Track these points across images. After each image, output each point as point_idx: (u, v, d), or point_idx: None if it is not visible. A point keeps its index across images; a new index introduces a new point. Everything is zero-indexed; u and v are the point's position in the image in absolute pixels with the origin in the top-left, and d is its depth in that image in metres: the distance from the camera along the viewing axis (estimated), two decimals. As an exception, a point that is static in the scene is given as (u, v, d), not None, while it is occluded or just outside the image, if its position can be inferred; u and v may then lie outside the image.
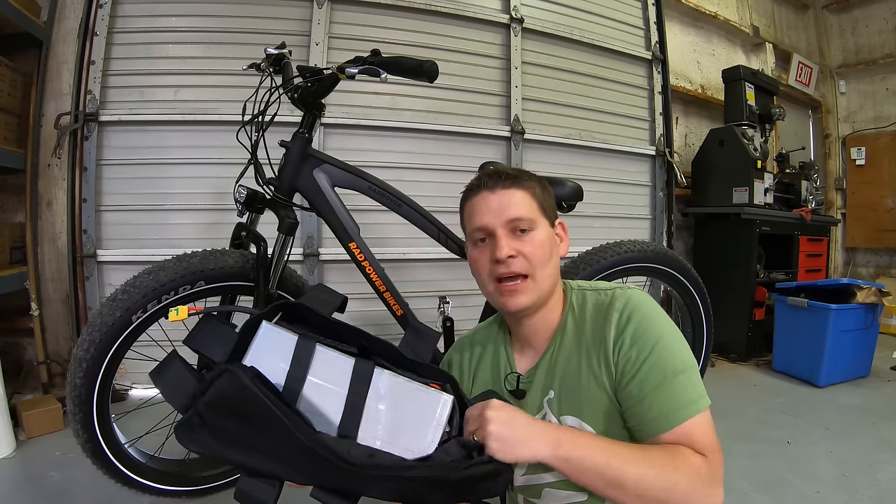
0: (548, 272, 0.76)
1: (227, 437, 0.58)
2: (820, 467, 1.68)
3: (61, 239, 2.19)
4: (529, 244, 0.74)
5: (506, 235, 0.74)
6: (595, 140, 2.93)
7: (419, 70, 1.13)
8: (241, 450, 0.59)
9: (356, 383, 0.62)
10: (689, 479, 0.61)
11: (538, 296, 0.75)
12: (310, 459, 0.57)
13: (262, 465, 0.59)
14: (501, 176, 0.77)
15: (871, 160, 4.31)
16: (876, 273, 4.37)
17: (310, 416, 0.60)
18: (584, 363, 0.74)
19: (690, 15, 3.71)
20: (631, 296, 0.74)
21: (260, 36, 2.25)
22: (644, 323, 0.71)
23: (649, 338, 0.69)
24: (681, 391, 0.67)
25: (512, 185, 0.76)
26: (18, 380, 2.10)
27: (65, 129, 2.04)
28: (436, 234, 1.44)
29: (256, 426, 0.57)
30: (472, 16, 2.61)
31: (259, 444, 0.58)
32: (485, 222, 0.75)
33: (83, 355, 1.15)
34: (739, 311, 2.96)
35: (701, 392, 0.68)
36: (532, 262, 0.74)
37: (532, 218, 0.75)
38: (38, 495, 1.43)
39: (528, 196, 0.76)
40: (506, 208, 0.74)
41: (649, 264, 1.63)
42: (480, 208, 0.76)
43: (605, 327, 0.72)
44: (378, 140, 2.44)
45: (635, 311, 0.72)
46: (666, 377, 0.67)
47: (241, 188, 1.30)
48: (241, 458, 0.59)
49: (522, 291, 0.74)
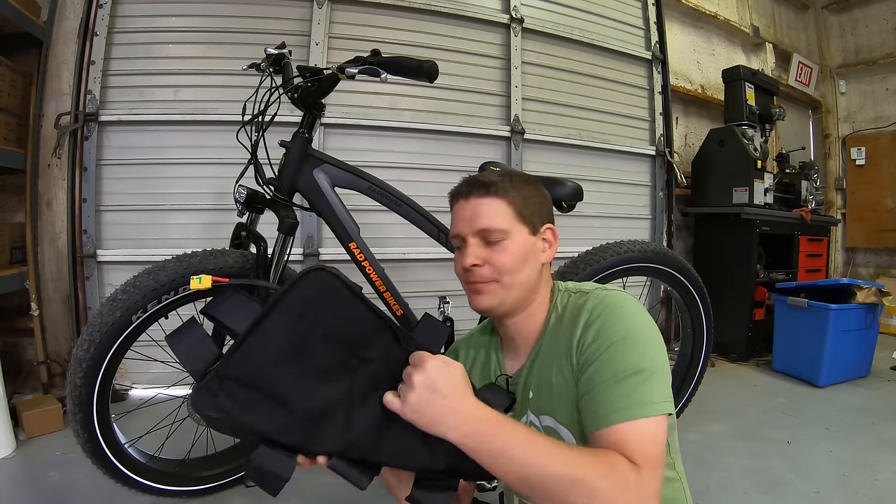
0: (520, 279, 0.76)
1: (249, 398, 0.60)
2: (820, 467, 1.68)
3: (61, 239, 2.19)
4: (499, 253, 0.74)
5: (476, 244, 0.75)
6: (595, 140, 2.93)
7: (419, 70, 1.13)
8: (263, 410, 0.60)
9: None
10: (613, 490, 0.55)
11: (502, 300, 0.75)
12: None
13: (282, 429, 0.60)
14: (476, 184, 0.77)
15: (871, 160, 4.31)
16: (876, 273, 4.37)
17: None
18: (556, 364, 0.74)
19: (690, 15, 3.71)
20: (607, 296, 0.73)
21: (260, 36, 2.25)
22: (611, 320, 0.69)
23: (612, 334, 0.68)
24: (629, 391, 0.63)
25: (486, 195, 0.76)
26: (18, 380, 2.10)
27: (65, 129, 2.04)
28: (436, 234, 1.44)
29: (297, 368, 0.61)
30: (472, 16, 2.61)
31: (290, 389, 0.60)
32: (458, 230, 0.78)
33: (83, 355, 1.15)
34: (739, 311, 2.96)
35: (655, 398, 0.63)
36: (500, 270, 0.74)
37: (503, 228, 0.75)
38: (38, 495, 1.43)
39: (504, 205, 0.76)
40: (477, 218, 0.75)
41: (649, 264, 1.63)
42: (457, 215, 0.79)
43: (574, 327, 0.72)
44: (378, 140, 2.44)
45: (605, 310, 0.71)
46: (616, 374, 0.64)
47: (241, 188, 1.30)
48: (260, 422, 0.60)
49: (486, 292, 0.75)
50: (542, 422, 0.76)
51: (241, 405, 0.59)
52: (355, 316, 0.64)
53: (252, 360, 0.61)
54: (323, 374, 0.62)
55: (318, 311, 0.63)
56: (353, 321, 0.64)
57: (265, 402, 0.60)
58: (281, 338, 0.62)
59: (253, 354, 0.61)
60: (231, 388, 0.60)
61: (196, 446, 1.47)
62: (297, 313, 0.63)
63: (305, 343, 0.62)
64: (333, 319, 0.63)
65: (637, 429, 0.61)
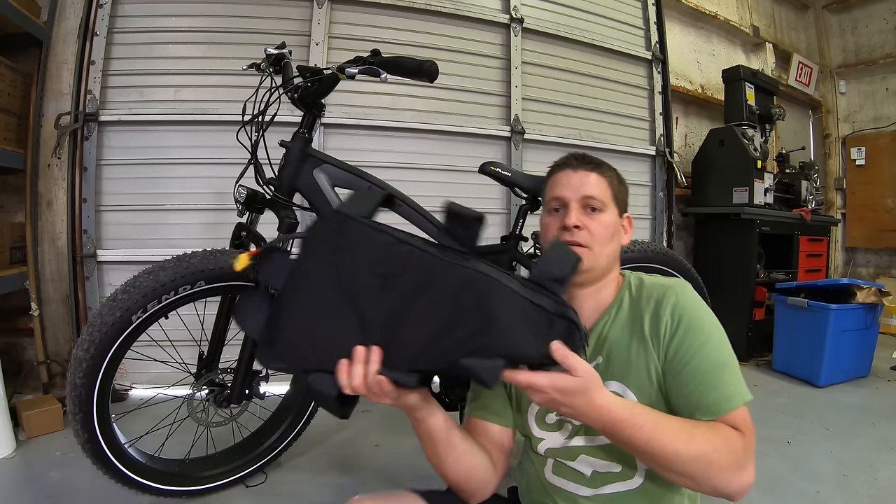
0: (606, 251, 0.82)
1: (296, 341, 0.67)
2: (820, 467, 1.68)
3: (61, 239, 2.19)
4: (596, 222, 0.82)
5: (577, 209, 0.82)
6: (595, 140, 2.93)
7: (419, 70, 1.13)
8: (309, 348, 0.67)
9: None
10: (727, 458, 0.65)
11: (592, 265, 0.81)
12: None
13: (328, 360, 0.64)
14: (586, 159, 0.86)
15: (871, 160, 4.31)
16: (876, 273, 4.37)
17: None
18: (637, 337, 0.79)
19: (690, 15, 3.71)
20: (686, 287, 0.82)
21: (260, 36, 2.25)
22: (697, 318, 0.77)
23: (702, 331, 0.76)
24: (730, 382, 0.72)
25: (594, 170, 0.85)
26: (18, 380, 2.10)
27: (65, 129, 2.04)
28: (436, 234, 1.43)
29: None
30: (472, 16, 2.61)
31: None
32: (562, 194, 0.84)
33: (83, 355, 1.15)
34: (739, 311, 2.96)
35: (742, 385, 0.74)
36: (594, 237, 0.81)
37: (604, 200, 0.83)
38: (38, 495, 1.43)
39: (605, 182, 0.84)
40: (583, 186, 0.83)
41: (649, 264, 1.63)
42: (561, 182, 0.85)
43: (658, 315, 0.78)
44: (378, 140, 2.44)
45: (687, 308, 0.78)
46: (714, 368, 0.73)
47: (241, 188, 1.30)
48: (309, 361, 0.66)
49: (581, 253, 0.78)
50: (608, 386, 0.78)
51: (293, 351, 0.67)
52: (369, 241, 0.69)
53: (290, 305, 0.68)
54: (356, 299, 0.67)
55: (335, 245, 0.69)
56: (360, 244, 0.69)
57: (310, 341, 0.67)
58: (309, 278, 0.69)
59: (289, 300, 0.69)
60: (280, 336, 0.68)
61: (196, 446, 1.47)
62: (316, 253, 0.69)
63: (333, 276, 0.68)
64: (344, 249, 0.69)
65: (741, 412, 0.71)
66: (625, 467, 0.77)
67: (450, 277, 0.66)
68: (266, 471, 1.56)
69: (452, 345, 0.63)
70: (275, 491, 1.51)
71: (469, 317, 0.63)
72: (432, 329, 0.64)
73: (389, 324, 0.65)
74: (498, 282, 0.65)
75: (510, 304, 0.64)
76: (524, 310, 0.64)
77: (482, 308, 0.63)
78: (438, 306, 0.65)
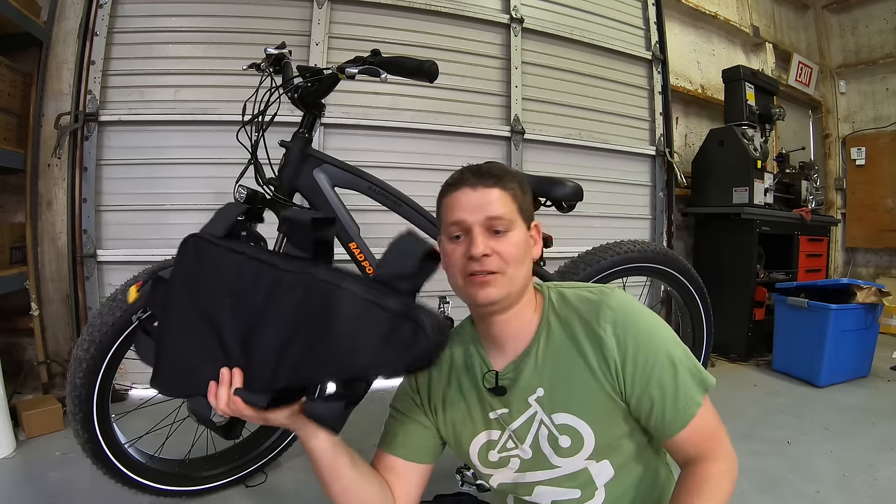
0: (521, 272, 0.76)
1: (173, 371, 0.70)
2: (820, 467, 1.68)
3: (61, 239, 2.19)
4: (505, 243, 0.74)
5: (482, 233, 0.74)
6: (595, 140, 2.93)
7: (419, 70, 1.13)
8: (184, 378, 0.69)
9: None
10: (728, 483, 0.71)
11: (508, 291, 0.75)
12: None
13: (199, 386, 0.66)
14: (483, 174, 0.77)
15: (871, 160, 4.31)
16: (876, 273, 4.37)
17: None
18: (579, 359, 0.74)
19: (690, 15, 3.71)
20: (613, 295, 0.77)
21: (260, 36, 2.25)
22: (642, 330, 0.74)
23: (653, 347, 0.73)
24: (684, 387, 0.72)
25: (494, 185, 0.76)
26: (18, 380, 2.10)
27: (65, 129, 2.04)
28: (436, 234, 1.44)
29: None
30: (472, 16, 2.61)
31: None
32: (462, 218, 0.75)
33: (83, 355, 1.15)
34: (739, 311, 2.96)
35: (703, 374, 0.74)
36: (506, 261, 0.74)
37: (510, 219, 0.75)
38: (38, 495, 1.43)
39: (508, 197, 0.76)
40: (485, 206, 0.74)
41: (649, 264, 1.63)
42: (459, 203, 0.76)
43: (600, 325, 0.74)
44: (378, 140, 2.44)
45: (629, 316, 0.74)
46: (673, 375, 0.72)
47: (241, 188, 1.30)
48: (185, 389, 0.71)
49: (493, 284, 0.73)
50: (554, 420, 0.75)
51: (171, 379, 0.70)
52: (222, 261, 0.70)
53: (164, 334, 0.71)
54: (215, 322, 0.67)
55: (194, 270, 0.71)
56: (215, 267, 0.70)
57: (183, 368, 0.68)
58: (176, 306, 0.71)
59: (163, 328, 0.71)
60: (161, 363, 0.70)
61: (196, 446, 1.47)
62: (179, 285, 0.71)
63: (194, 300, 0.69)
64: (202, 274, 0.70)
65: (700, 418, 0.72)
66: (584, 490, 0.75)
67: (293, 289, 0.63)
68: (266, 471, 1.56)
69: (296, 360, 0.60)
70: (275, 491, 1.50)
71: (308, 328, 0.60)
72: (280, 344, 0.61)
73: (244, 342, 0.64)
74: (335, 286, 0.60)
75: (349, 309, 0.58)
76: (366, 314, 0.58)
77: (319, 317, 0.59)
78: (284, 320, 0.62)
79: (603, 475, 0.76)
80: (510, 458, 0.79)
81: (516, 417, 0.78)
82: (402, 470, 0.81)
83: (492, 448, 0.80)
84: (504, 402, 0.79)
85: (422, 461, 0.83)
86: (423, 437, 0.84)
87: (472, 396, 0.82)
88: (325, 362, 0.59)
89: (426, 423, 0.85)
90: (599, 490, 0.75)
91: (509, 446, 0.79)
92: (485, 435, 0.81)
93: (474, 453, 0.82)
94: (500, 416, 0.79)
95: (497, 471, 0.81)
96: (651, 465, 0.80)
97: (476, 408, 0.82)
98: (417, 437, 0.84)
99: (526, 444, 0.78)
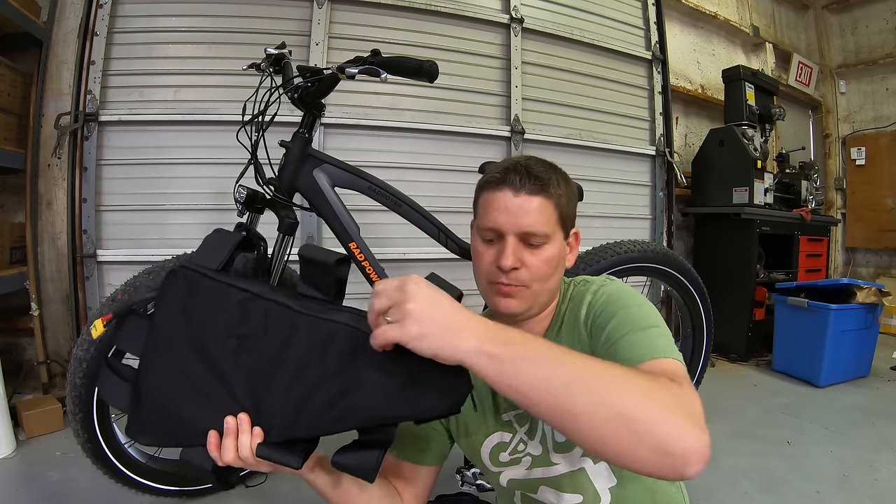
0: (548, 286, 0.74)
1: (159, 417, 0.60)
2: (820, 467, 1.68)
3: (61, 239, 2.19)
4: (537, 258, 0.71)
5: (515, 244, 0.70)
6: (595, 140, 2.92)
7: (419, 70, 1.13)
8: (172, 424, 0.60)
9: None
10: (677, 409, 0.46)
11: (530, 305, 0.74)
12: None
13: (195, 435, 0.59)
14: (531, 178, 0.71)
15: (871, 160, 4.31)
16: (876, 273, 4.37)
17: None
18: (578, 347, 0.74)
19: (690, 15, 3.71)
20: (608, 280, 0.77)
21: (260, 36, 2.24)
22: (617, 293, 0.72)
23: (622, 302, 0.70)
24: (652, 339, 0.63)
25: (538, 192, 0.71)
26: (18, 380, 2.10)
27: (65, 129, 2.04)
28: (436, 234, 1.44)
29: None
30: (472, 16, 2.61)
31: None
32: (499, 223, 0.71)
33: (83, 355, 1.15)
34: (739, 311, 2.96)
35: (674, 349, 0.62)
36: (534, 276, 0.71)
37: (547, 233, 0.71)
38: (38, 495, 1.43)
39: (551, 206, 0.72)
40: (524, 216, 0.70)
41: (649, 264, 1.64)
42: (498, 205, 0.71)
43: (580, 307, 0.74)
44: (378, 140, 2.43)
45: (611, 287, 0.74)
46: (634, 329, 0.65)
47: (241, 188, 1.30)
48: (175, 436, 0.60)
49: (516, 296, 0.72)
50: None
51: (158, 426, 0.61)
52: (222, 298, 0.62)
53: (150, 375, 0.61)
54: (216, 365, 0.60)
55: (187, 306, 0.62)
56: (214, 302, 0.62)
57: (174, 414, 0.60)
58: (165, 345, 0.62)
59: (148, 370, 0.62)
60: (145, 408, 0.61)
61: (196, 446, 1.47)
62: (168, 320, 0.62)
63: (189, 340, 0.61)
64: (197, 310, 0.62)
65: (668, 363, 0.59)
66: (586, 496, 0.73)
67: (313, 334, 0.58)
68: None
69: (321, 410, 0.56)
70: (275, 491, 1.51)
71: (334, 377, 0.56)
72: (300, 393, 0.57)
73: (254, 390, 0.58)
74: (362, 332, 0.56)
75: (373, 355, 0.54)
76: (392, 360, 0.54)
77: (345, 366, 0.56)
78: (302, 368, 0.57)
79: (601, 479, 0.74)
80: (522, 458, 0.79)
81: (528, 416, 0.78)
82: (412, 473, 0.81)
83: (503, 450, 0.80)
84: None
85: (432, 463, 0.83)
86: (434, 440, 0.84)
87: (487, 399, 0.82)
88: (355, 413, 0.55)
89: (436, 426, 0.84)
90: (604, 496, 0.74)
91: (520, 448, 0.79)
92: (497, 436, 0.81)
93: (486, 455, 0.82)
94: (512, 417, 0.79)
95: (508, 469, 0.80)
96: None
97: (489, 410, 0.81)
98: (428, 440, 0.83)
99: (536, 440, 0.78)
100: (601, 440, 0.45)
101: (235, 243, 0.66)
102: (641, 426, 0.44)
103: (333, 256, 0.60)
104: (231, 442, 0.57)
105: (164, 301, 0.63)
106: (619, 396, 0.46)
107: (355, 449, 0.57)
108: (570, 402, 0.45)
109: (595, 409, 0.45)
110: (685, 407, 0.47)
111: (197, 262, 0.64)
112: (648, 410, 0.45)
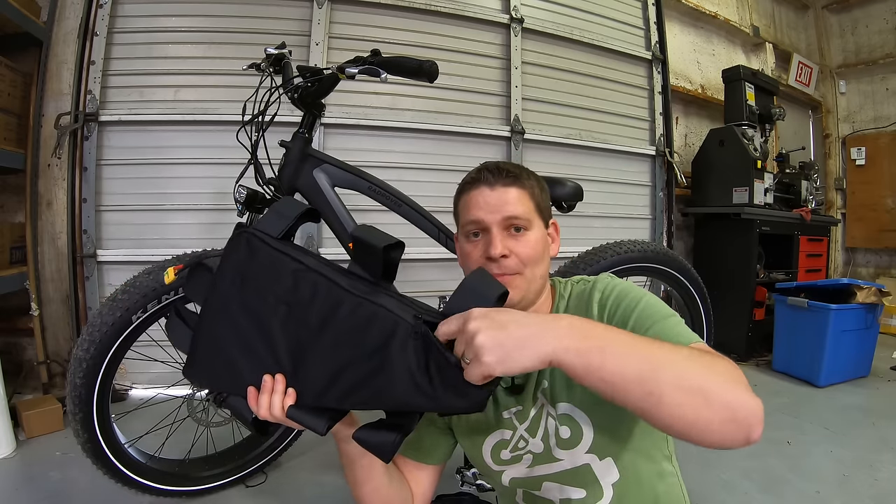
0: (539, 271, 0.76)
1: (213, 364, 0.66)
2: (820, 467, 1.68)
3: (61, 239, 2.19)
4: (524, 244, 0.74)
5: (500, 233, 0.74)
6: (595, 140, 2.93)
7: (419, 70, 1.13)
8: (223, 371, 0.65)
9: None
10: (738, 381, 0.51)
11: (525, 292, 0.75)
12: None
13: (239, 386, 0.63)
14: (502, 172, 0.76)
15: (871, 160, 4.31)
16: (876, 273, 4.37)
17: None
18: None
19: (690, 15, 3.71)
20: (611, 278, 0.78)
21: (260, 36, 2.25)
22: (627, 289, 0.73)
23: (633, 296, 0.71)
24: (675, 326, 0.66)
25: (512, 184, 0.76)
26: (18, 380, 2.10)
27: (65, 129, 2.04)
28: (436, 234, 1.44)
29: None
30: (472, 16, 2.61)
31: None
32: (480, 217, 0.75)
33: (83, 355, 1.15)
34: (739, 311, 2.96)
35: (695, 333, 0.66)
36: (524, 261, 0.74)
37: (528, 218, 0.75)
38: (38, 495, 1.43)
39: (527, 195, 0.76)
40: (503, 206, 0.74)
41: (649, 264, 1.63)
42: (477, 202, 0.76)
43: (590, 305, 0.74)
44: (378, 140, 2.44)
45: (618, 283, 0.75)
46: (657, 320, 0.67)
47: (241, 188, 1.30)
48: (222, 383, 0.66)
49: (513, 285, 0.73)
50: (557, 410, 0.75)
51: (209, 372, 0.67)
52: (278, 265, 0.65)
53: (205, 327, 0.67)
54: (264, 326, 0.64)
55: (246, 268, 0.66)
56: (270, 269, 0.66)
57: (224, 364, 0.65)
58: (221, 301, 0.67)
59: (205, 321, 0.67)
60: (199, 356, 0.67)
61: (196, 446, 1.47)
62: (228, 278, 0.66)
63: (243, 299, 0.65)
64: (254, 273, 0.66)
65: (699, 344, 0.61)
66: (590, 490, 0.73)
67: (355, 312, 0.60)
68: (266, 471, 1.57)
69: (351, 386, 0.58)
70: (275, 491, 1.51)
71: (368, 358, 0.58)
72: (335, 366, 0.59)
73: (294, 355, 0.62)
74: (401, 319, 0.57)
75: (407, 343, 0.56)
76: (424, 352, 0.56)
77: (380, 349, 0.57)
78: (341, 343, 0.60)
79: (608, 475, 0.74)
80: (523, 455, 0.79)
81: (529, 413, 0.78)
82: (417, 471, 0.82)
83: (504, 447, 0.80)
84: (518, 400, 0.79)
85: (436, 462, 0.84)
86: (438, 439, 0.85)
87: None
88: (383, 397, 0.57)
89: (439, 424, 0.85)
90: (606, 489, 0.74)
91: (521, 445, 0.79)
92: (498, 434, 0.81)
93: (487, 453, 0.82)
94: (513, 414, 0.80)
95: (510, 467, 0.81)
96: (661, 472, 0.77)
97: (491, 407, 0.82)
98: (432, 438, 0.84)
99: (537, 438, 0.78)
100: (680, 416, 0.49)
101: (299, 214, 0.69)
102: (716, 398, 0.49)
103: (383, 241, 0.62)
104: (266, 398, 0.60)
105: (227, 260, 0.67)
106: (695, 375, 0.50)
107: (379, 428, 0.60)
108: (658, 386, 0.49)
109: (677, 390, 0.49)
110: (740, 379, 0.52)
111: (261, 227, 0.69)
112: (719, 385, 0.50)
